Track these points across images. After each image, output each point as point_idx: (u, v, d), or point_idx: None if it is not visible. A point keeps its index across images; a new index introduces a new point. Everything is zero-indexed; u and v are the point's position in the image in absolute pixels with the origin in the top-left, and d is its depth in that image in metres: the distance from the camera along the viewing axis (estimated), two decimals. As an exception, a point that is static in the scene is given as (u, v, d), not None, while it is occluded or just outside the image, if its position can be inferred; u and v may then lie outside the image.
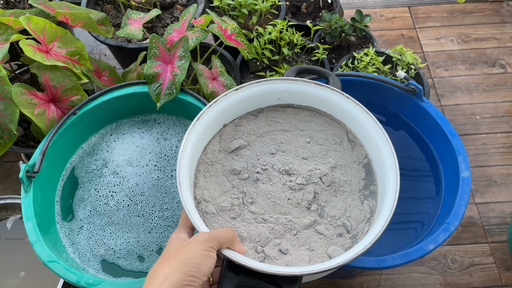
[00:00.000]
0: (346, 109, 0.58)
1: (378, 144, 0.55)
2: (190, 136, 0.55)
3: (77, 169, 0.75)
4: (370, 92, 0.77)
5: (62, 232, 0.69)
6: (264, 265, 0.45)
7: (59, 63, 0.71)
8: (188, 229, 0.49)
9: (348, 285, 0.84)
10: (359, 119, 0.57)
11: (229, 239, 0.46)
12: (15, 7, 1.03)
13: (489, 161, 0.98)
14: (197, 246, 0.43)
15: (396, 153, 0.53)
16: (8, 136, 0.69)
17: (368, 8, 1.25)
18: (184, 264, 0.41)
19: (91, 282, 0.58)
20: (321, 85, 0.59)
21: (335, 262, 0.46)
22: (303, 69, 0.69)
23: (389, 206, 0.50)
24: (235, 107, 0.60)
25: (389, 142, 0.54)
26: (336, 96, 0.59)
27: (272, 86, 0.60)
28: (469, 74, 1.11)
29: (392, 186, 0.51)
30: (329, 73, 0.66)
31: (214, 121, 0.58)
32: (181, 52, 0.73)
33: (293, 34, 0.90)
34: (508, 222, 0.90)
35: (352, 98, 0.58)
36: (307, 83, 0.60)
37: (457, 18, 1.22)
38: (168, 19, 1.00)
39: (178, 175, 0.51)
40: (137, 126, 0.79)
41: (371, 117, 0.56)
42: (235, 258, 0.45)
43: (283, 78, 0.60)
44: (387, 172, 0.53)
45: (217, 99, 0.57)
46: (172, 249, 0.44)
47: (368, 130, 0.56)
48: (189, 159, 0.54)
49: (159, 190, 0.73)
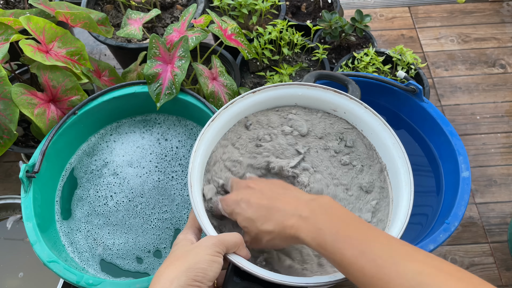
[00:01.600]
0: (364, 119, 0.58)
1: (394, 157, 0.54)
2: (204, 135, 0.54)
3: (77, 169, 0.75)
4: (370, 92, 0.77)
5: (62, 232, 0.69)
6: (270, 273, 0.44)
7: (59, 63, 0.71)
8: (195, 230, 0.49)
9: (348, 285, 0.84)
10: (376, 130, 0.56)
11: (236, 244, 0.46)
12: (15, 7, 1.03)
13: (489, 161, 0.98)
14: (204, 251, 0.42)
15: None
16: (8, 136, 0.69)
17: (368, 8, 1.25)
18: (190, 269, 0.41)
19: (91, 282, 0.58)
20: (340, 93, 0.58)
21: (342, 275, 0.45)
22: (323, 74, 0.68)
23: (401, 223, 0.49)
24: (252, 110, 0.59)
25: (406, 156, 0.53)
26: (354, 105, 0.58)
27: (291, 91, 0.59)
28: (469, 74, 1.11)
29: (405, 203, 0.50)
30: (349, 80, 0.65)
31: (229, 122, 0.57)
32: (181, 52, 0.73)
33: (293, 34, 0.90)
34: (508, 222, 0.90)
35: (370, 108, 0.57)
36: (326, 90, 0.59)
37: (457, 18, 1.22)
38: (168, 19, 1.00)
39: (190, 175, 0.50)
40: (137, 126, 0.79)
41: (388, 129, 0.55)
42: (241, 264, 0.44)
43: (303, 83, 0.59)
44: (401, 187, 0.52)
45: (234, 100, 0.57)
46: (178, 252, 0.44)
47: (385, 142, 0.55)
48: (202, 159, 0.53)
49: (159, 192, 0.73)
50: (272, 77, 0.88)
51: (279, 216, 0.46)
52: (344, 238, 0.41)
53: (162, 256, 0.68)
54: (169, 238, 0.69)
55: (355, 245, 0.40)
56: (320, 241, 0.42)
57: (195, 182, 0.51)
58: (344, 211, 0.45)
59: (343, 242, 0.41)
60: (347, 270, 0.40)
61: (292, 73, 0.90)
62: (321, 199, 0.46)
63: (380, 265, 0.38)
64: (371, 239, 0.41)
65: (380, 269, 0.38)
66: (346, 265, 0.40)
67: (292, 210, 0.46)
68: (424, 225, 0.71)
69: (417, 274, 0.36)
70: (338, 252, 0.41)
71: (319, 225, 0.43)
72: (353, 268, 0.39)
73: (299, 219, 0.44)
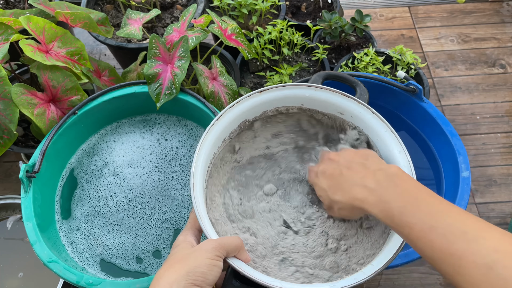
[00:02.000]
0: (370, 125, 0.57)
1: (400, 165, 0.53)
2: (208, 135, 0.53)
3: (76, 169, 0.75)
4: (370, 92, 0.77)
5: (62, 232, 0.69)
6: (269, 279, 0.44)
7: (59, 63, 0.71)
8: (195, 231, 0.49)
9: (349, 285, 0.84)
10: (382, 136, 0.55)
11: (236, 248, 0.45)
12: (15, 7, 1.03)
13: (489, 161, 0.98)
14: (204, 255, 0.42)
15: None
16: (8, 136, 0.69)
17: (368, 8, 1.25)
18: (190, 273, 0.40)
19: (91, 282, 0.58)
20: (348, 97, 0.57)
21: (348, 282, 0.45)
22: (332, 75, 0.67)
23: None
24: (257, 109, 0.59)
25: (411, 166, 0.52)
26: (361, 109, 0.57)
27: (297, 91, 0.58)
28: (469, 74, 1.11)
29: None
30: (357, 82, 0.64)
31: (234, 121, 0.57)
32: (181, 52, 0.73)
33: (293, 34, 0.90)
34: (508, 222, 0.90)
35: (378, 114, 0.56)
36: (334, 93, 0.58)
37: (457, 18, 1.22)
38: (168, 19, 1.00)
39: (193, 176, 0.50)
40: (137, 126, 0.79)
41: (395, 136, 0.54)
42: (240, 269, 0.44)
43: (310, 85, 0.58)
44: None
45: (239, 100, 0.56)
46: (178, 255, 0.44)
47: (391, 149, 0.54)
48: (205, 159, 0.53)
49: (159, 192, 0.73)
50: (272, 77, 0.88)
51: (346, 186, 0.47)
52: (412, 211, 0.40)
53: (161, 256, 0.68)
54: (168, 238, 0.69)
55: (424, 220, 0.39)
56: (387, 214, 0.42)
57: (198, 182, 0.50)
58: (413, 182, 0.44)
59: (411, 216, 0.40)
60: (415, 244, 0.40)
61: (292, 73, 0.90)
62: (389, 169, 0.46)
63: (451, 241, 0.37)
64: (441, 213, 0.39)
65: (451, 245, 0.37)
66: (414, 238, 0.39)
67: (358, 180, 0.46)
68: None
69: (492, 251, 0.35)
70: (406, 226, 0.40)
71: (385, 197, 0.42)
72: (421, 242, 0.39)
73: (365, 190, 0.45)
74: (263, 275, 0.45)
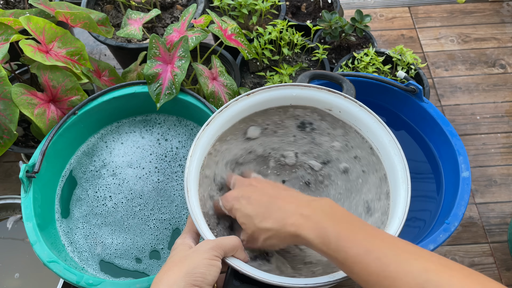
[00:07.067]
0: (359, 118, 0.57)
1: (390, 154, 0.54)
2: (199, 141, 0.54)
3: (76, 169, 0.75)
4: (370, 92, 0.77)
5: (62, 231, 0.69)
6: (269, 275, 0.44)
7: (59, 63, 0.71)
8: (194, 234, 0.49)
9: (349, 285, 0.84)
10: (372, 128, 0.56)
11: (234, 248, 0.45)
12: (15, 7, 1.03)
13: (489, 161, 0.98)
14: (202, 255, 0.42)
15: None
16: (8, 136, 0.69)
17: (368, 8, 1.25)
18: (189, 274, 0.40)
19: (91, 282, 0.58)
20: (334, 92, 0.58)
21: (342, 275, 0.45)
22: (317, 74, 0.68)
23: (399, 220, 0.49)
24: (246, 113, 0.59)
25: (402, 153, 0.53)
26: (348, 103, 0.58)
27: (284, 92, 0.59)
28: (469, 74, 1.11)
29: (402, 200, 0.50)
30: (343, 79, 0.65)
31: (224, 126, 0.58)
32: (181, 52, 0.73)
33: (293, 34, 0.90)
34: (508, 222, 0.90)
35: (365, 106, 0.57)
36: (319, 90, 0.59)
37: (457, 18, 1.22)
38: (168, 19, 1.00)
39: (186, 180, 0.50)
40: (138, 126, 0.79)
41: (384, 126, 0.55)
42: (239, 268, 0.44)
43: (296, 84, 0.59)
44: (399, 184, 0.52)
45: (228, 104, 0.57)
46: (177, 257, 0.44)
47: (381, 140, 0.55)
48: (198, 164, 0.53)
49: (159, 193, 0.73)
50: (272, 77, 0.88)
51: (279, 214, 0.46)
52: (348, 236, 0.41)
53: (160, 257, 0.68)
54: (167, 238, 0.69)
55: (360, 244, 0.40)
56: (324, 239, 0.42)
57: (192, 186, 0.51)
58: (346, 212, 0.45)
59: (347, 240, 0.40)
60: (351, 269, 0.40)
61: (292, 73, 0.90)
62: (322, 200, 0.46)
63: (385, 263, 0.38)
64: (375, 238, 0.40)
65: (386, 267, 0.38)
66: (350, 263, 0.40)
67: (293, 209, 0.46)
68: (424, 225, 0.71)
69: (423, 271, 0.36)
70: (342, 251, 0.40)
71: (322, 223, 0.43)
72: (358, 267, 0.39)
73: (301, 217, 0.44)
74: (262, 272, 0.45)
